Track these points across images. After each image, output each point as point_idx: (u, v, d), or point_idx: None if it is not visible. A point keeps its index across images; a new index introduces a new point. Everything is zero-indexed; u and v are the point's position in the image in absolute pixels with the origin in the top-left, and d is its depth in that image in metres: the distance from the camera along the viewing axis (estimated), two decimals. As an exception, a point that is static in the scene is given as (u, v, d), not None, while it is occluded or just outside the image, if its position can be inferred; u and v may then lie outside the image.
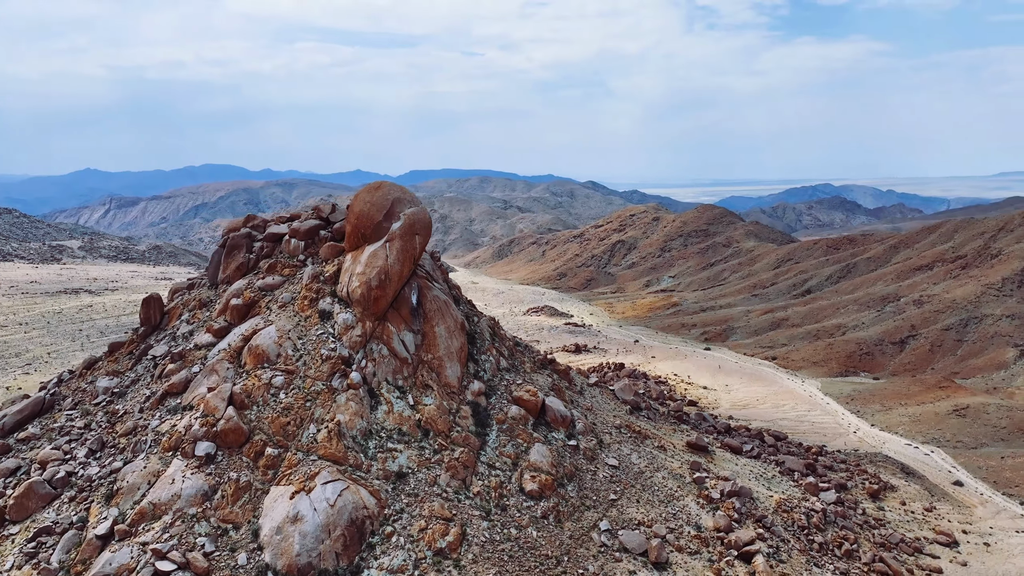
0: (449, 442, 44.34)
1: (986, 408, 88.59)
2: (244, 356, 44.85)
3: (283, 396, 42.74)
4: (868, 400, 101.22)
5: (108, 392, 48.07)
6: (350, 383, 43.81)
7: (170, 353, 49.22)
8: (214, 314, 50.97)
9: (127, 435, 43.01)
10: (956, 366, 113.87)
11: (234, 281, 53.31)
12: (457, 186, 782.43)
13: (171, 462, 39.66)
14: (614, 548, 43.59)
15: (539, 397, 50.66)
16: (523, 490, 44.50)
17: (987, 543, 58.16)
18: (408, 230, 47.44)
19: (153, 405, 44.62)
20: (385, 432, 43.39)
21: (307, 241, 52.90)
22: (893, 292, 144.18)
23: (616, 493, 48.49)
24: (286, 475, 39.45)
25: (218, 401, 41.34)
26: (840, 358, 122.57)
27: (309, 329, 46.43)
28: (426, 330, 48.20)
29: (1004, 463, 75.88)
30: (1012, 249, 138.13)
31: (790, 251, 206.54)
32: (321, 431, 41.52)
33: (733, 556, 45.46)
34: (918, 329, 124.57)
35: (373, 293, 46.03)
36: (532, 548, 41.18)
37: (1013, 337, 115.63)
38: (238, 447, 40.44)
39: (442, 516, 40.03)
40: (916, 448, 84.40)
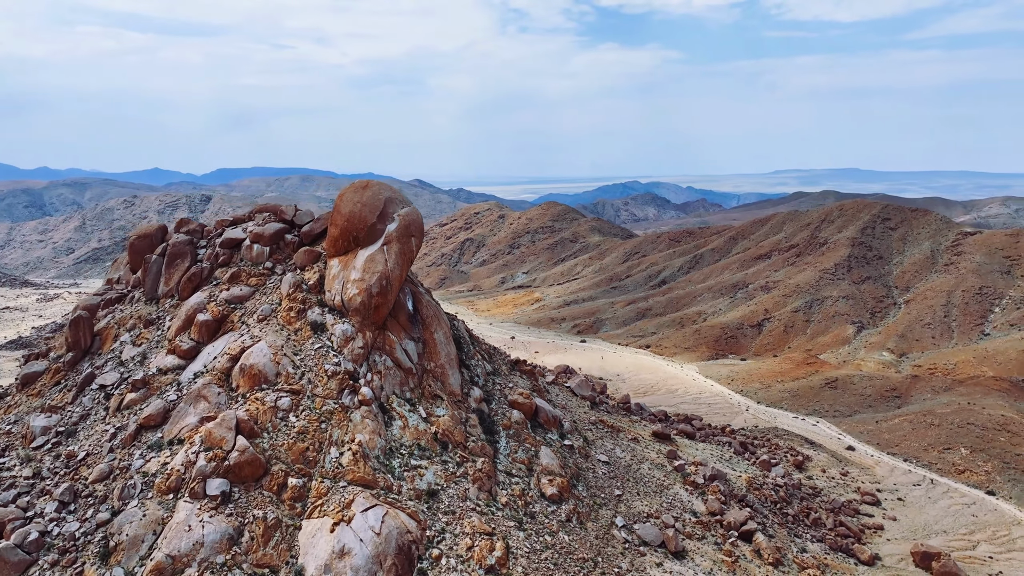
0: (468, 453, 42.31)
1: (852, 380, 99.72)
2: (235, 378, 39.75)
3: (294, 419, 38.45)
4: (747, 380, 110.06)
5: (49, 432, 40.50)
6: (362, 399, 40.39)
7: (125, 381, 42.47)
8: (170, 332, 44.64)
9: (102, 480, 36.50)
10: (808, 344, 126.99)
11: (186, 294, 47.03)
12: (277, 185, 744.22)
13: (176, 506, 34.26)
14: (635, 543, 44.00)
15: (532, 400, 49.81)
16: (544, 495, 43.59)
17: (900, 498, 65.65)
18: (404, 232, 44.49)
19: (126, 443, 38.25)
20: (405, 449, 40.51)
21: (271, 246, 47.89)
22: (741, 280, 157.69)
23: (619, 489, 48.94)
24: (317, 506, 35.58)
25: (224, 431, 36.28)
26: (709, 343, 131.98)
27: (303, 343, 42.12)
28: (426, 337, 45.56)
29: (880, 427, 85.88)
30: (836, 238, 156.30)
31: (636, 244, 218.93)
32: (344, 454, 37.90)
33: (735, 536, 47.60)
34: (771, 312, 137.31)
35: (374, 301, 42.69)
36: (569, 553, 40.48)
37: (850, 315, 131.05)
38: (255, 480, 35.82)
39: (483, 531, 38.15)
40: (803, 420, 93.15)
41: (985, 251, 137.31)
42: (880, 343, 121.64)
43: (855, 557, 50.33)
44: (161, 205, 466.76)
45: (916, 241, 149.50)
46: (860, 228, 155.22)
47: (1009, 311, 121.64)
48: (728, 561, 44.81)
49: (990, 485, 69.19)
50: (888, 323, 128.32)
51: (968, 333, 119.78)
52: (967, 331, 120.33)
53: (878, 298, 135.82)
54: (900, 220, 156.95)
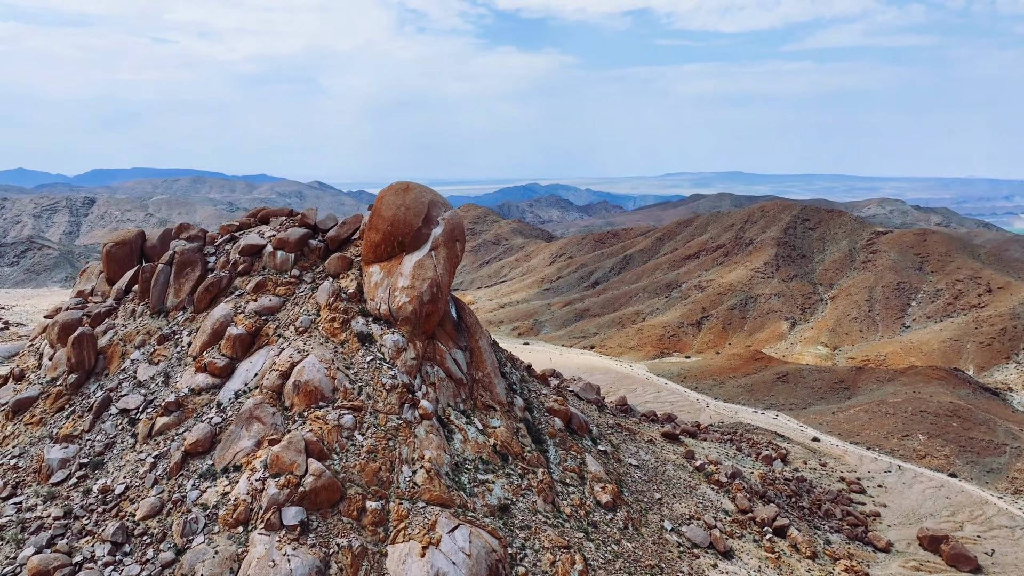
0: (528, 464, 41.03)
1: (802, 373, 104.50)
2: (288, 396, 36.72)
3: (360, 437, 35.92)
4: (699, 376, 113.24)
5: (70, 465, 36.02)
6: (423, 413, 38.33)
7: (151, 403, 38.40)
8: (194, 348, 40.78)
9: (153, 516, 32.75)
10: (747, 340, 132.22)
11: (202, 306, 43.13)
12: (165, 187, 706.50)
13: (251, 539, 31.22)
14: (688, 546, 44.08)
15: (567, 406, 48.99)
16: (600, 503, 42.90)
17: (880, 485, 69.16)
18: (450, 236, 42.60)
19: (172, 472, 34.53)
20: (470, 463, 38.77)
21: (296, 253, 44.70)
22: (674, 279, 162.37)
23: (658, 492, 48.89)
24: (400, 530, 33.37)
25: (293, 454, 33.39)
26: (652, 342, 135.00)
27: (351, 356, 39.48)
28: (472, 346, 43.82)
29: (837, 417, 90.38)
30: (761, 238, 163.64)
31: (562, 246, 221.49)
32: (418, 472, 35.79)
33: (770, 533, 48.53)
34: (709, 311, 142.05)
35: (425, 309, 40.61)
36: (636, 561, 40.03)
37: (783, 312, 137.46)
38: (332, 506, 33.18)
39: (561, 545, 37.09)
40: (763, 414, 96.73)
41: (898, 249, 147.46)
42: (814, 338, 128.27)
43: (872, 545, 52.48)
44: (37, 208, 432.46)
45: (834, 240, 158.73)
46: (783, 228, 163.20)
47: (925, 305, 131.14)
48: (772, 558, 45.61)
49: (951, 468, 74.10)
50: (818, 318, 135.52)
51: (891, 326, 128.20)
52: (890, 324, 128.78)
53: (806, 295, 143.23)
54: (818, 221, 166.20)
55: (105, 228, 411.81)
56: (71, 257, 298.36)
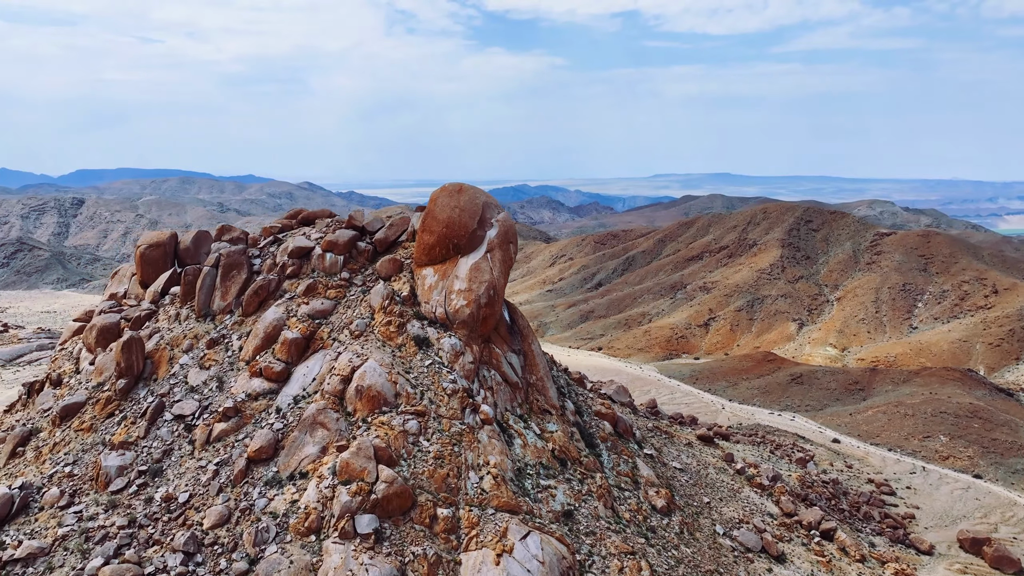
0: (585, 469, 40.58)
1: (816, 374, 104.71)
2: (351, 401, 36.08)
3: (425, 443, 35.35)
4: (712, 378, 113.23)
5: (128, 472, 35.18)
6: (484, 418, 37.80)
7: (206, 409, 37.63)
8: (246, 352, 40.02)
9: (222, 525, 32.03)
10: (756, 341, 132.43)
11: (251, 309, 42.37)
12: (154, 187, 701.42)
13: (325, 548, 30.58)
14: (741, 550, 43.81)
15: (613, 410, 48.60)
16: (655, 508, 42.53)
17: (908, 486, 69.24)
18: (504, 238, 42.10)
19: (236, 480, 33.80)
20: (531, 468, 38.30)
21: (345, 255, 44.04)
22: (678, 280, 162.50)
23: (706, 495, 48.59)
24: (472, 537, 32.83)
25: (363, 461, 32.78)
26: (660, 343, 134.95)
27: (410, 360, 38.87)
28: (525, 349, 43.33)
29: (855, 419, 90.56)
30: (765, 239, 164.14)
31: (562, 248, 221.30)
32: (485, 478, 35.26)
33: (818, 536, 48.35)
34: (715, 312, 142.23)
35: (482, 312, 40.10)
36: (697, 567, 39.68)
37: (790, 313, 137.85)
38: (403, 514, 32.59)
39: (625, 551, 36.68)
40: (779, 416, 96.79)
41: (902, 250, 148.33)
42: (822, 339, 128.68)
43: (915, 547, 52.45)
44: (25, 209, 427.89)
45: (838, 241, 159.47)
46: (786, 230, 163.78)
47: (931, 306, 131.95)
48: (823, 561, 45.41)
49: (975, 469, 74.34)
50: (825, 320, 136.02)
51: (898, 327, 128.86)
52: (897, 325, 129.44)
53: (812, 296, 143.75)
54: (821, 222, 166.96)
55: (95, 229, 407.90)
56: (62, 259, 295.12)
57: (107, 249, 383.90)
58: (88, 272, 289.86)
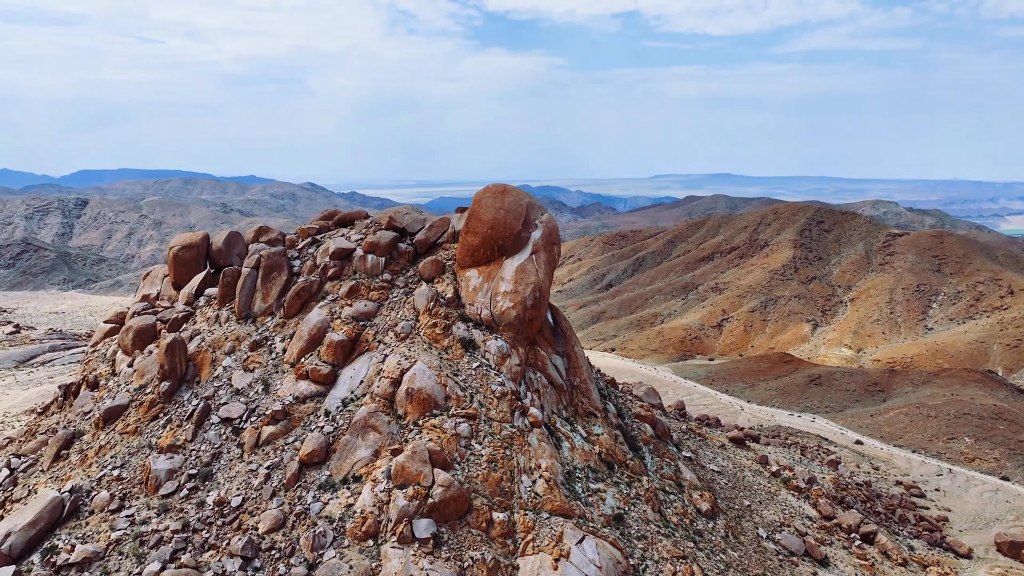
0: (632, 473, 40.28)
1: (834, 376, 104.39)
2: (401, 404, 35.77)
3: (477, 446, 35.06)
4: (728, 379, 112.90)
5: (177, 476, 34.87)
6: (533, 420, 37.50)
7: (252, 412, 37.32)
8: (290, 355, 39.70)
9: (277, 530, 31.72)
10: (770, 342, 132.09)
11: (293, 311, 42.06)
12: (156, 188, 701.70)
13: (383, 552, 30.28)
14: (785, 554, 43.52)
15: (653, 412, 48.30)
16: (700, 512, 42.23)
17: (937, 488, 68.85)
18: (548, 239, 41.81)
19: (289, 484, 33.49)
20: (580, 472, 38.00)
21: (386, 257, 43.74)
22: (690, 281, 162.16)
23: (746, 498, 48.28)
24: (529, 541, 32.52)
25: (419, 464, 32.48)
26: (674, 344, 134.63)
27: (457, 362, 38.57)
28: (568, 352, 43.03)
29: (876, 420, 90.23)
30: (776, 240, 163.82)
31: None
32: (538, 482, 34.97)
33: (858, 539, 48.03)
34: (729, 313, 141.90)
35: (529, 314, 39.81)
36: (745, 570, 39.39)
37: (804, 314, 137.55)
38: (459, 518, 32.29)
39: (677, 555, 36.34)
40: (799, 417, 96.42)
41: (915, 251, 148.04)
42: (837, 340, 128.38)
43: (953, 551, 52.12)
44: (28, 210, 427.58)
45: (850, 242, 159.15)
46: (798, 231, 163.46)
47: (946, 307, 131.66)
48: (866, 565, 45.11)
49: (1002, 471, 73.99)
50: (839, 320, 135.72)
51: (914, 328, 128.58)
52: (912, 326, 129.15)
53: (826, 296, 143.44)
54: (833, 223, 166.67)
55: (99, 230, 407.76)
56: (68, 259, 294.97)
57: (112, 250, 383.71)
58: (94, 273, 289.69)
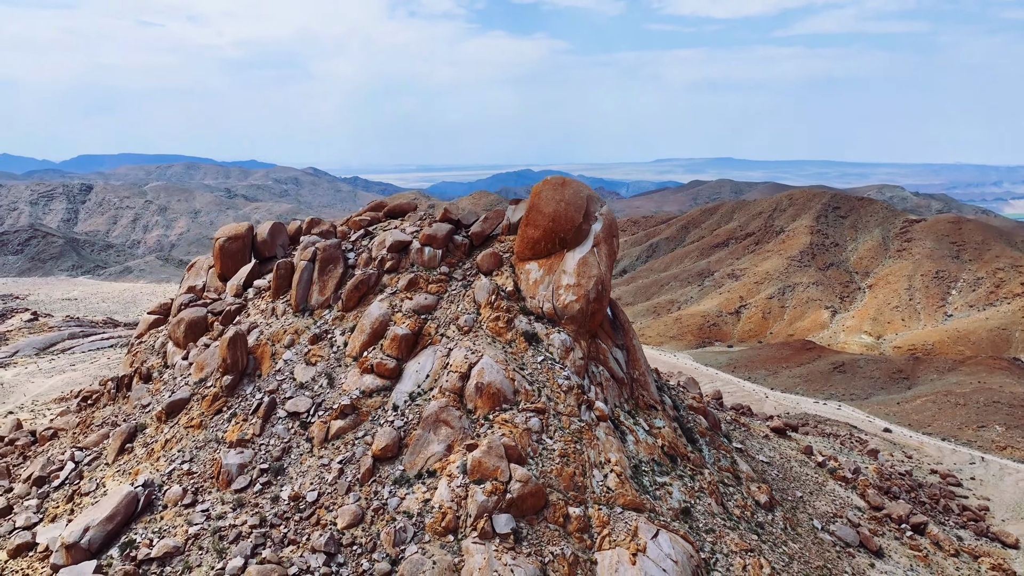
0: (693, 465, 40.32)
1: (858, 363, 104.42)
2: (471, 398, 35.71)
3: (549, 441, 35.06)
4: (750, 366, 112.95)
5: (249, 471, 34.87)
6: (599, 414, 37.49)
7: (319, 406, 37.27)
8: (353, 348, 39.61)
9: (356, 525, 31.76)
10: (789, 329, 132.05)
11: (352, 304, 41.92)
12: (159, 173, 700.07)
13: (464, 548, 30.34)
14: (842, 545, 43.64)
15: (704, 403, 48.27)
16: (759, 504, 42.30)
17: (972, 477, 69.08)
18: (608, 231, 41.59)
19: (364, 479, 33.50)
20: (645, 465, 38.03)
21: (443, 250, 43.53)
22: (705, 268, 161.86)
23: (798, 489, 48.38)
24: (605, 536, 32.59)
25: (495, 460, 32.48)
26: (693, 331, 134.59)
27: (522, 356, 38.49)
28: (627, 344, 42.94)
29: (903, 408, 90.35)
30: (792, 227, 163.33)
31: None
32: (609, 476, 35.00)
33: (909, 530, 48.18)
34: (746, 300, 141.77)
35: (591, 307, 39.69)
36: (807, 563, 39.53)
37: (823, 300, 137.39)
38: (536, 513, 32.34)
39: (745, 549, 36.45)
40: (825, 404, 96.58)
41: (933, 237, 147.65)
42: (856, 326, 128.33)
43: (1000, 541, 52.30)
44: (33, 195, 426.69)
45: (866, 228, 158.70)
46: (814, 217, 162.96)
47: (966, 293, 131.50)
48: (920, 556, 45.26)
49: (1034, 459, 74.10)
50: (858, 307, 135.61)
51: (933, 315, 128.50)
52: (932, 313, 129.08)
53: (844, 283, 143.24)
54: (849, 209, 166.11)
55: (104, 215, 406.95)
56: (76, 245, 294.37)
57: (118, 235, 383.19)
58: (102, 259, 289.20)
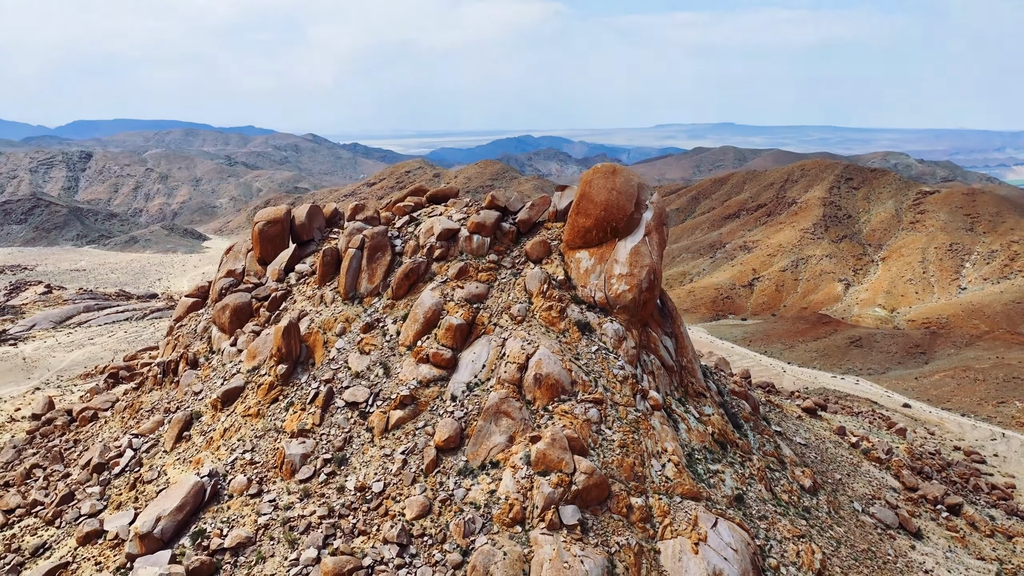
0: (742, 452, 40.89)
1: (874, 337, 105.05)
2: (529, 389, 36.08)
3: (608, 431, 35.52)
4: (766, 340, 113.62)
5: (312, 460, 35.36)
6: (653, 404, 37.93)
7: (377, 396, 37.65)
8: (406, 338, 39.86)
9: (425, 516, 32.34)
10: (802, 302, 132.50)
11: (401, 292, 42.08)
12: (157, 140, 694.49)
13: (531, 539, 30.94)
14: (882, 527, 44.40)
15: (745, 387, 48.76)
16: (804, 488, 43.00)
17: (995, 454, 70.08)
18: (659, 220, 41.59)
19: (428, 469, 34.01)
20: (698, 453, 38.58)
21: (491, 237, 43.55)
22: (717, 239, 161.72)
23: (837, 471, 49.10)
24: (667, 526, 33.22)
25: (559, 452, 32.96)
26: (707, 304, 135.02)
27: (576, 346, 38.78)
28: (676, 332, 43.22)
29: (922, 383, 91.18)
30: (804, 198, 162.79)
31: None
32: (667, 466, 35.55)
33: (945, 511, 49.03)
34: (759, 272, 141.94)
35: (643, 297, 39.88)
36: (853, 545, 40.33)
37: (836, 273, 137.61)
38: (600, 504, 32.92)
39: (796, 535, 37.22)
40: (843, 379, 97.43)
41: (947, 209, 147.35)
42: (870, 300, 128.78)
43: (1030, 519, 53.23)
44: (33, 163, 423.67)
45: (879, 200, 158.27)
46: (827, 188, 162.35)
47: (980, 266, 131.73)
48: (958, 537, 46.11)
49: (1054, 435, 75.07)
50: (872, 280, 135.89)
51: (947, 288, 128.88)
52: (945, 286, 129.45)
53: (857, 256, 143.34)
54: (862, 180, 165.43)
55: (104, 183, 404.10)
56: (79, 215, 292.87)
57: (119, 204, 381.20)
58: (106, 228, 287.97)
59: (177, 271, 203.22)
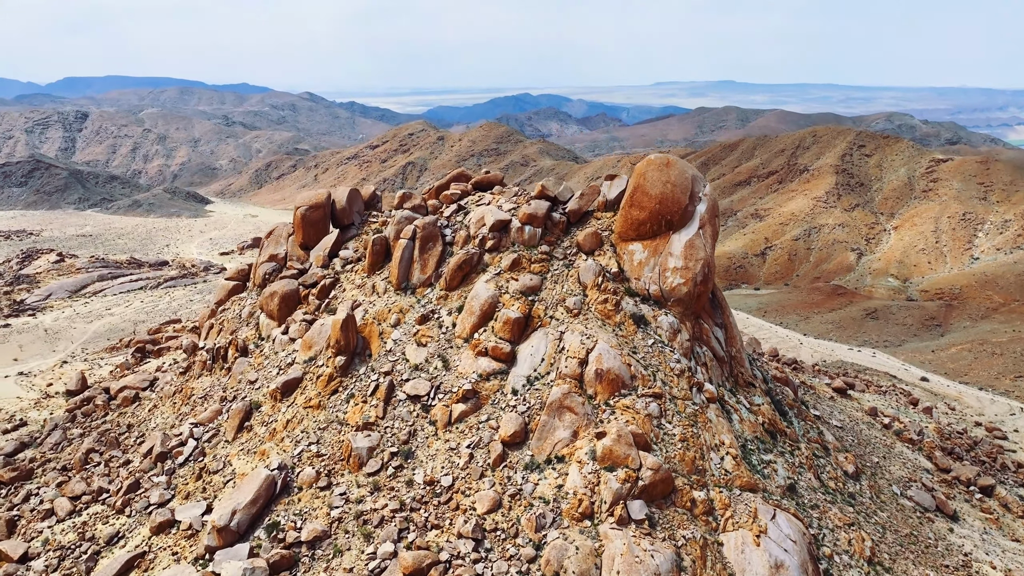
0: (790, 440, 41.78)
1: (890, 309, 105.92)
2: (590, 384, 36.68)
3: (668, 426, 36.24)
4: (781, 311, 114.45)
5: (379, 453, 36.10)
6: (709, 396, 38.61)
7: (438, 389, 38.23)
8: (463, 330, 40.31)
9: (495, 510, 33.21)
10: (815, 271, 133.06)
11: (455, 284, 42.39)
12: (152, 99, 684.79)
13: (603, 533, 31.85)
14: (921, 510, 45.58)
15: (786, 373, 49.47)
16: (848, 474, 44.03)
17: (1016, 430, 71.43)
18: (712, 212, 41.76)
19: (495, 464, 34.78)
20: (751, 443, 39.41)
21: (542, 228, 43.70)
22: (728, 207, 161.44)
23: (875, 455, 50.17)
24: (728, 518, 34.16)
25: (625, 448, 33.69)
26: (719, 273, 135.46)
27: (632, 339, 39.28)
28: (725, 322, 43.74)
29: (938, 356, 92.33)
30: (817, 165, 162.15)
31: (596, 169, 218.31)
32: (725, 459, 36.37)
33: (978, 492, 50.29)
34: (772, 241, 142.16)
35: (698, 290, 40.29)
36: (897, 530, 41.46)
37: (848, 243, 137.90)
38: (664, 498, 33.78)
39: (847, 523, 38.25)
40: (859, 352, 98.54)
41: (960, 178, 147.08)
42: (883, 269, 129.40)
43: (1056, 498, 54.62)
44: (28, 123, 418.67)
45: (892, 168, 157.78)
46: (839, 155, 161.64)
47: (993, 236, 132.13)
48: (992, 519, 47.43)
49: (1071, 410, 76.44)
50: (884, 250, 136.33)
51: (960, 257, 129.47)
52: (958, 256, 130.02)
53: (869, 225, 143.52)
54: (875, 147, 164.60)
55: (102, 144, 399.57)
56: (80, 177, 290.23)
57: (118, 165, 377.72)
58: (108, 191, 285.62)
59: (184, 236, 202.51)
